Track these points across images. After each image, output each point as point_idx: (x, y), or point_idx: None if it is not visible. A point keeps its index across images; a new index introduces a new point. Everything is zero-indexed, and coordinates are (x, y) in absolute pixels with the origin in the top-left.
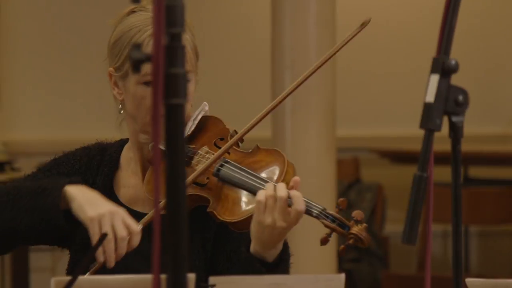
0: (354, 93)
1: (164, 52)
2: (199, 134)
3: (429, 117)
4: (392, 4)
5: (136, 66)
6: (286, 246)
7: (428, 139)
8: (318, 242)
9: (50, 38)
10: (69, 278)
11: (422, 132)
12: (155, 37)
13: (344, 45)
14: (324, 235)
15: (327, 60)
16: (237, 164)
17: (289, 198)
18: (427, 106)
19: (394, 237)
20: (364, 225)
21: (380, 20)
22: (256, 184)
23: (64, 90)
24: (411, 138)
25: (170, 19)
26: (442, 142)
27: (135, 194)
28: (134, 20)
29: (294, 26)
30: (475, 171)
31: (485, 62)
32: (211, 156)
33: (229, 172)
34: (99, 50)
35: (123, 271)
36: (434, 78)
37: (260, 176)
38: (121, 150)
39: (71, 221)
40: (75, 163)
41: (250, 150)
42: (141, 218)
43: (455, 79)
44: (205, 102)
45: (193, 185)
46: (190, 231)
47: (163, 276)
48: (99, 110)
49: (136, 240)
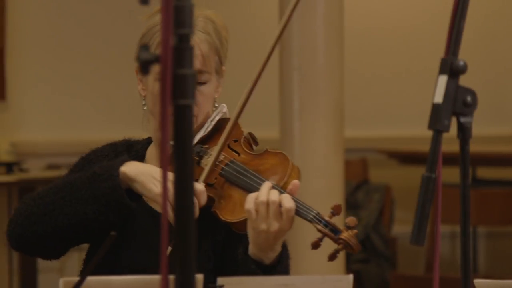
0: (362, 93)
1: (172, 53)
2: (215, 135)
3: (437, 118)
4: (400, 5)
5: (144, 67)
6: (284, 248)
7: (436, 140)
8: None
9: (58, 38)
10: (77, 279)
11: (430, 132)
12: (163, 38)
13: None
14: (315, 239)
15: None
16: (242, 165)
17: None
18: (436, 107)
19: (402, 238)
20: (354, 231)
21: (388, 21)
22: (256, 186)
23: (72, 90)
24: (419, 139)
25: (178, 20)
26: (450, 143)
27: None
28: (160, 18)
29: (302, 27)
30: (483, 172)
31: (493, 63)
32: (221, 157)
33: (233, 172)
34: (107, 50)
35: (133, 266)
36: (443, 79)
37: (261, 178)
38: (147, 148)
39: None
40: (103, 159)
41: (259, 153)
42: (157, 217)
43: (464, 80)
44: (223, 104)
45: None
46: (200, 233)
47: (171, 276)
48: (108, 111)
49: (203, 199)
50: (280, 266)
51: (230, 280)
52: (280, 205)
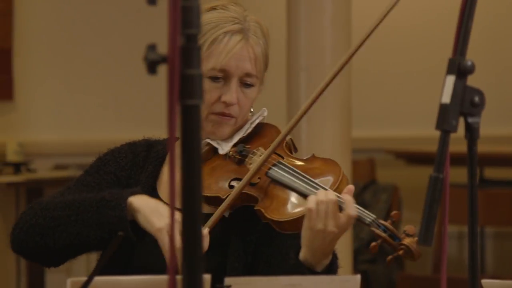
0: (369, 94)
1: (180, 53)
2: (255, 138)
3: (445, 118)
4: (407, 5)
5: (151, 67)
6: (335, 257)
7: (444, 140)
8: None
9: (65, 39)
10: (84, 279)
11: (438, 133)
12: (170, 38)
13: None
14: (374, 244)
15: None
16: (291, 166)
17: (340, 201)
18: (443, 107)
19: None
20: (415, 238)
21: (395, 21)
22: (308, 187)
23: (79, 90)
24: (427, 139)
25: (186, 20)
26: (458, 143)
27: (178, 190)
28: (213, 16)
29: (309, 27)
30: (491, 172)
31: (501, 63)
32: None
33: (282, 173)
34: (115, 50)
35: (146, 266)
36: (450, 79)
37: (313, 180)
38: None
39: (137, 231)
40: (121, 161)
41: (305, 158)
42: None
43: (471, 80)
44: (264, 108)
45: (236, 181)
46: (231, 233)
47: (179, 277)
48: (115, 111)
49: (205, 243)
50: (331, 275)
51: (237, 280)
52: (340, 208)
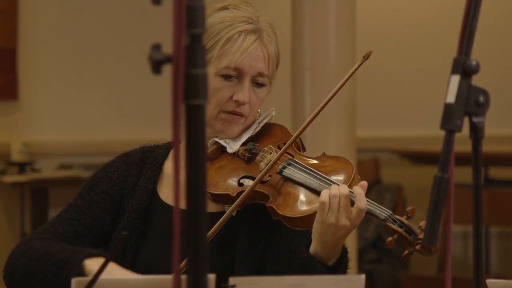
0: (374, 93)
1: (184, 52)
2: (264, 137)
3: (449, 117)
4: (412, 4)
5: (156, 67)
6: (345, 251)
7: (448, 140)
8: None
9: (69, 39)
10: (89, 279)
11: (442, 132)
12: (175, 37)
13: (348, 78)
14: (390, 239)
15: (337, 91)
16: (304, 164)
17: (351, 195)
18: (448, 107)
19: None
20: None
21: (400, 20)
22: (322, 183)
23: (84, 90)
24: (432, 139)
25: (191, 20)
26: (462, 142)
27: (182, 189)
28: (226, 15)
29: (314, 27)
30: (496, 172)
31: (506, 63)
32: (276, 154)
33: (294, 170)
34: (119, 50)
35: (150, 267)
36: (455, 79)
37: (326, 176)
38: (167, 152)
39: None
40: (112, 175)
41: (316, 156)
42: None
43: (476, 80)
44: (272, 108)
45: (245, 179)
46: (239, 231)
47: (184, 276)
48: (120, 111)
49: None
50: (341, 269)
51: (242, 280)
52: (352, 202)
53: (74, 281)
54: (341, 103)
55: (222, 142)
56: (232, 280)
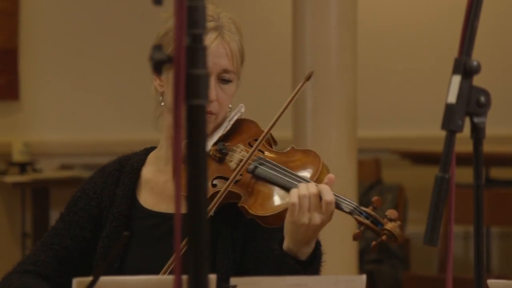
0: (375, 94)
1: (185, 53)
2: (234, 135)
3: (451, 118)
4: (413, 5)
5: (157, 67)
6: (318, 245)
7: (450, 140)
8: (339, 243)
9: (70, 39)
10: (90, 279)
11: (443, 133)
12: (176, 38)
13: (293, 98)
14: (357, 231)
15: (283, 112)
16: (272, 161)
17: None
18: (449, 107)
19: (415, 238)
20: (398, 222)
21: (401, 21)
22: (290, 180)
23: (85, 91)
24: (432, 139)
25: (191, 20)
26: (464, 143)
27: (163, 192)
28: None
29: (315, 27)
30: (497, 172)
31: (507, 63)
32: (245, 154)
33: (264, 168)
34: (121, 50)
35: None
36: (456, 79)
37: (294, 173)
38: (145, 158)
39: None
40: (89, 191)
41: (285, 151)
42: (166, 219)
43: (477, 80)
44: (241, 104)
45: (224, 181)
46: (218, 231)
47: (185, 276)
48: (121, 111)
49: None
50: (316, 262)
51: (243, 280)
52: (320, 198)
53: (75, 281)
54: (342, 104)
55: None
56: (233, 280)
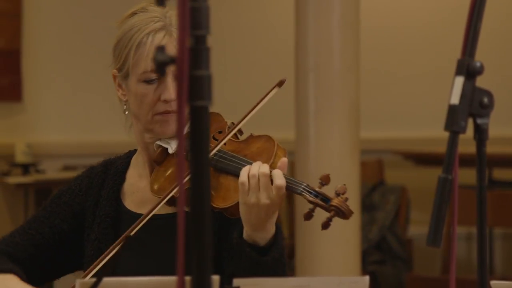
0: (378, 95)
1: (188, 54)
2: None
3: (454, 119)
4: (416, 5)
5: (160, 68)
6: (278, 229)
7: (453, 141)
8: (342, 245)
9: (73, 40)
10: (93, 280)
11: (446, 134)
12: (180, 39)
13: (260, 103)
14: (307, 210)
15: (245, 117)
16: (229, 152)
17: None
18: (452, 108)
19: (418, 239)
20: (344, 196)
21: (404, 21)
22: (242, 168)
23: (88, 91)
24: (435, 140)
25: (194, 21)
26: (466, 144)
27: (144, 196)
28: (134, 21)
29: (317, 28)
30: (500, 173)
31: (510, 64)
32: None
33: (223, 161)
34: None
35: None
36: (459, 80)
37: (249, 161)
38: (129, 161)
39: None
40: (75, 188)
41: (244, 139)
42: (150, 220)
43: (480, 81)
44: None
45: None
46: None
47: (187, 277)
48: (123, 113)
49: None
50: (275, 247)
51: (246, 281)
52: (271, 181)
53: (79, 282)
54: (344, 105)
55: (164, 144)
56: (236, 281)
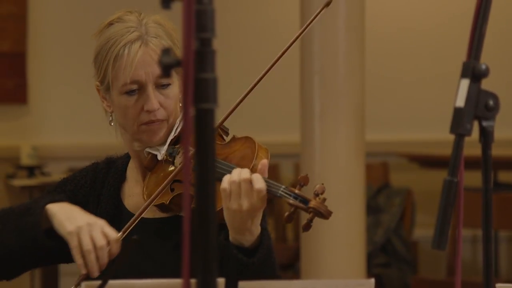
0: (383, 97)
1: (194, 57)
2: None
3: (459, 121)
4: (421, 8)
5: (166, 71)
6: (264, 231)
7: (458, 144)
8: (347, 247)
9: (79, 43)
10: (99, 282)
11: (451, 136)
12: (185, 42)
13: (310, 23)
14: (287, 213)
15: (296, 39)
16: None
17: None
18: (458, 111)
19: (423, 241)
20: (322, 197)
21: (409, 24)
22: (226, 173)
23: (93, 94)
24: (440, 143)
25: (200, 24)
26: (472, 146)
27: (140, 201)
28: (110, 32)
29: (323, 31)
30: (505, 176)
31: None
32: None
33: None
34: None
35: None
36: (465, 83)
37: (230, 165)
38: (127, 162)
39: (57, 239)
40: (81, 179)
41: (227, 142)
42: (146, 224)
43: (485, 83)
44: None
45: (177, 183)
46: (181, 235)
47: (193, 280)
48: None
49: (115, 248)
50: (261, 248)
51: (251, 284)
52: (251, 185)
53: (84, 285)
54: (350, 107)
55: (153, 151)
56: (241, 284)
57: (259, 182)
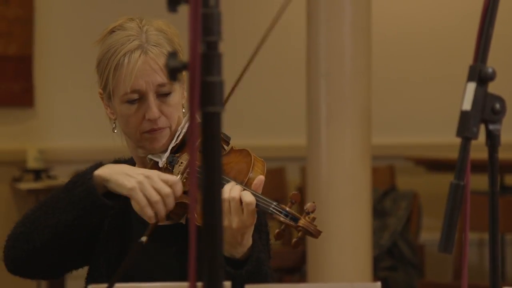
0: (389, 100)
1: (200, 60)
2: (185, 143)
3: (466, 125)
4: (427, 11)
5: (172, 75)
6: (255, 243)
7: (465, 147)
8: (353, 251)
9: (86, 46)
10: (105, 285)
11: (457, 139)
12: (191, 45)
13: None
14: (277, 230)
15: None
16: None
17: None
18: (464, 114)
19: (430, 245)
20: (311, 216)
21: (415, 27)
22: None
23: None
24: (447, 146)
25: (206, 27)
26: (478, 150)
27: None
28: (111, 41)
29: (329, 34)
30: (511, 180)
31: None
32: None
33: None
34: None
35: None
36: (471, 86)
37: (225, 178)
38: (134, 165)
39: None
40: None
41: (225, 153)
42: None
43: (491, 87)
44: None
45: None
46: (185, 243)
47: (199, 284)
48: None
49: (179, 189)
50: (250, 260)
51: (257, 287)
52: (240, 201)
53: (91, 287)
54: (356, 110)
55: (155, 158)
56: (247, 287)
57: (248, 196)
